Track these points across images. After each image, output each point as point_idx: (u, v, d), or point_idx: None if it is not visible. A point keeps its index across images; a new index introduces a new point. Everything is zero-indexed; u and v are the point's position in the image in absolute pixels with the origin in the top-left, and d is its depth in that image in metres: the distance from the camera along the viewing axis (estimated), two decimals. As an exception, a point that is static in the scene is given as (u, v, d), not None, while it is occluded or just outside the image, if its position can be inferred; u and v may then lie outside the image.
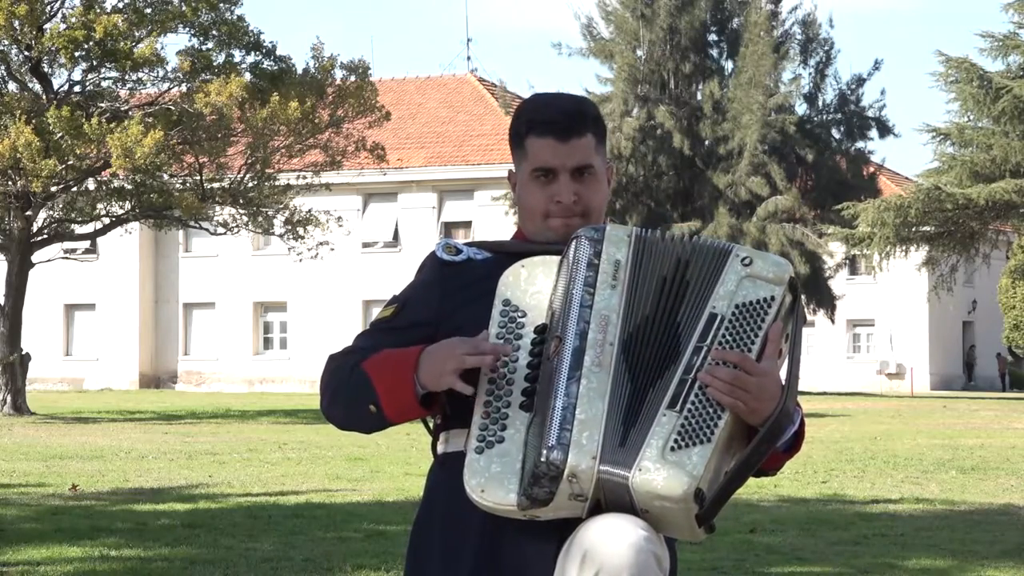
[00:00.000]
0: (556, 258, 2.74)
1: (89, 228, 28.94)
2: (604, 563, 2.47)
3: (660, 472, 2.53)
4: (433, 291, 2.84)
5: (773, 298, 2.67)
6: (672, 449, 2.55)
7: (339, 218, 29.42)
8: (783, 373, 2.70)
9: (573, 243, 2.71)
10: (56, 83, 26.98)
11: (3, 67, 26.90)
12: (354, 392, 2.77)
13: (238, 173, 27.46)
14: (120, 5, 26.29)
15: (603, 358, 2.61)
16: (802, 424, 2.76)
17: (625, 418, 2.59)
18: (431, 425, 2.85)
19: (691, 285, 2.69)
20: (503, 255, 2.84)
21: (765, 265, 2.70)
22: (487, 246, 2.91)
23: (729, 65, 41.83)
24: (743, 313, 2.66)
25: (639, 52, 40.86)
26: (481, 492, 2.58)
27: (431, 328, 2.80)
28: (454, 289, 2.83)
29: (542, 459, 2.52)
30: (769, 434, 2.63)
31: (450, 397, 2.72)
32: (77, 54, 25.69)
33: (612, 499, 2.56)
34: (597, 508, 2.57)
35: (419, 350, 2.72)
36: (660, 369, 2.64)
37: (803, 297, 2.70)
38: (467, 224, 43.93)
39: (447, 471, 2.73)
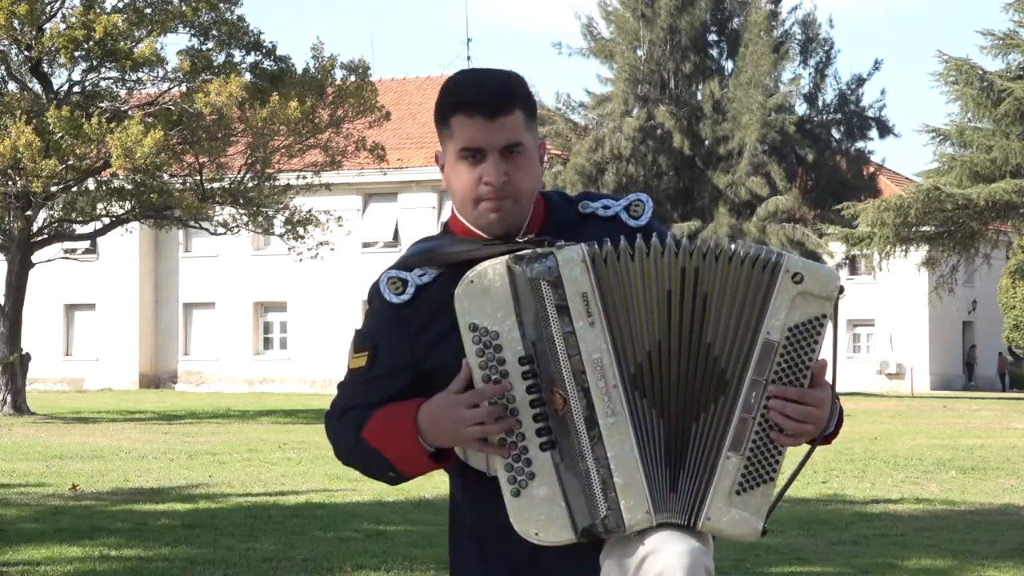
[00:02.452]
0: (504, 262, 2.60)
1: (89, 228, 28.94)
2: (666, 565, 2.49)
3: (729, 520, 2.56)
4: (397, 334, 2.74)
5: (824, 316, 2.62)
6: (738, 493, 2.57)
7: (339, 218, 29.41)
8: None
9: (531, 286, 2.57)
10: (56, 83, 27.00)
11: (3, 67, 26.90)
12: (368, 462, 2.76)
13: (238, 173, 27.45)
14: (120, 5, 26.28)
15: (613, 404, 2.55)
16: (841, 414, 2.74)
17: (668, 458, 2.57)
18: None
19: (716, 298, 2.59)
20: (449, 269, 2.72)
21: (816, 281, 2.61)
22: (429, 259, 2.78)
23: (729, 65, 41.82)
24: (796, 336, 2.60)
25: (639, 52, 40.84)
26: (536, 535, 2.58)
27: (410, 372, 2.74)
28: (418, 330, 2.73)
29: (599, 528, 2.55)
30: (817, 444, 2.68)
31: None
32: (77, 54, 25.69)
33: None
34: None
35: (414, 414, 2.67)
36: (702, 399, 2.59)
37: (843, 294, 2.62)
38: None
39: (472, 488, 2.73)
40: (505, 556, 2.68)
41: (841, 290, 2.65)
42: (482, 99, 2.70)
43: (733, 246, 2.62)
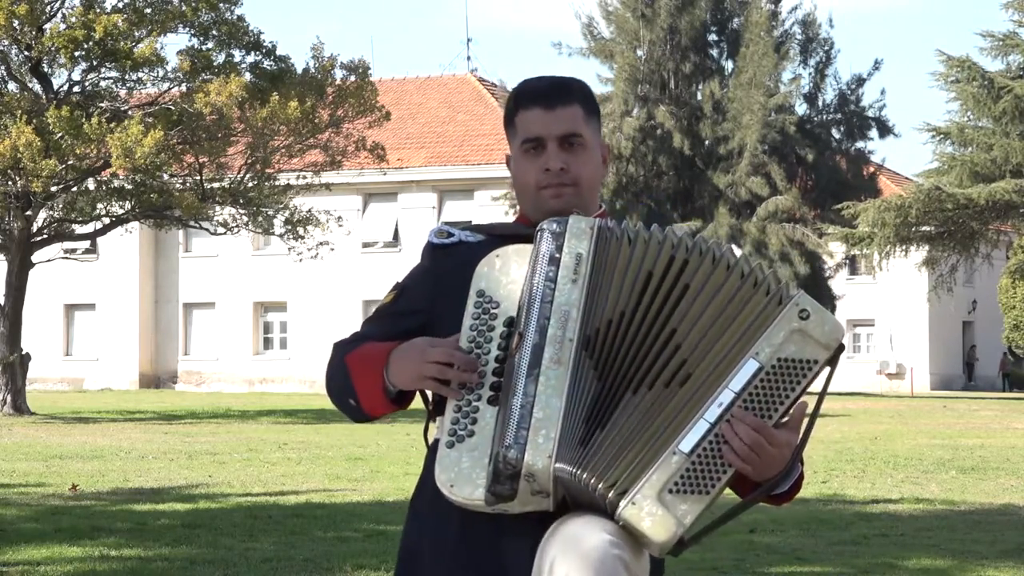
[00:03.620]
0: (530, 247, 2.72)
1: (89, 228, 28.93)
2: (571, 566, 2.49)
3: (651, 513, 2.52)
4: (427, 278, 2.88)
5: (816, 362, 2.59)
6: (670, 491, 2.53)
7: (339, 218, 29.41)
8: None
9: (537, 236, 2.69)
10: (56, 83, 26.99)
11: (3, 67, 26.89)
12: (340, 385, 2.86)
13: (238, 173, 27.45)
14: (120, 5, 26.27)
15: (562, 354, 2.58)
16: (800, 477, 2.72)
17: (589, 416, 2.58)
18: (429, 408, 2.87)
19: (695, 292, 2.62)
20: (495, 237, 2.86)
21: (820, 325, 2.60)
22: (481, 229, 2.93)
23: (729, 65, 41.82)
24: (782, 369, 2.58)
25: (639, 52, 40.85)
26: (451, 487, 2.60)
27: (423, 316, 2.85)
28: (444, 274, 2.85)
29: (500, 458, 2.55)
30: (763, 492, 2.65)
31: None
32: (77, 54, 25.68)
33: (575, 494, 2.58)
34: (564, 502, 2.59)
35: (390, 348, 2.76)
36: (647, 376, 2.60)
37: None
38: (467, 224, 43.97)
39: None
40: (450, 524, 2.71)
41: (841, 348, 2.63)
42: (540, 92, 2.87)
43: (736, 257, 2.64)
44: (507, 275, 2.71)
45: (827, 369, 2.64)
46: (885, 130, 41.94)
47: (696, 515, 2.55)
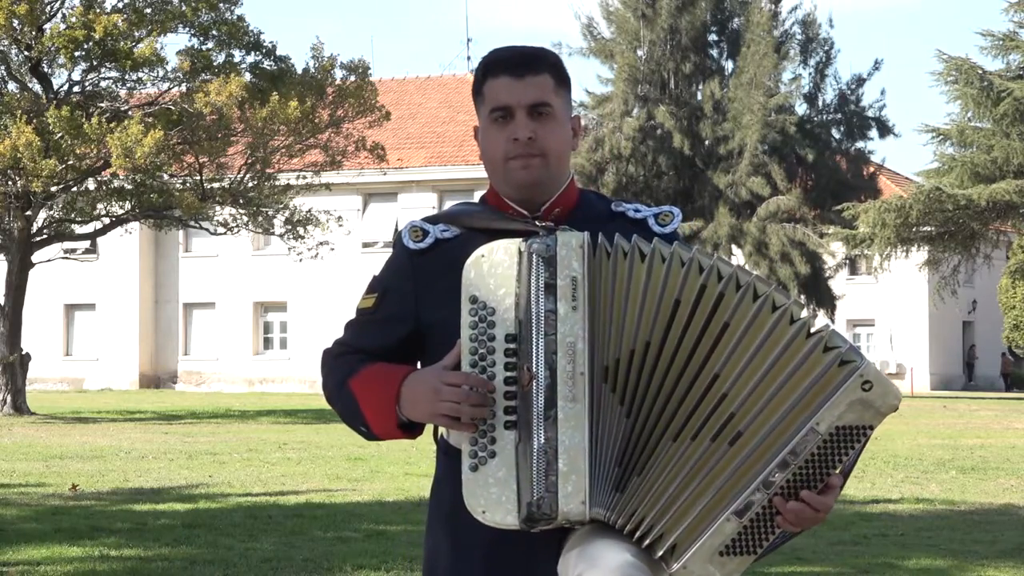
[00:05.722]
0: (516, 244, 2.64)
1: (89, 228, 28.92)
2: None
3: (700, 574, 2.56)
4: (407, 283, 2.83)
5: (872, 428, 2.57)
6: (720, 554, 2.56)
7: (339, 218, 29.40)
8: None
9: (525, 260, 2.61)
10: (56, 83, 26.99)
11: (3, 67, 26.89)
12: (346, 409, 2.84)
13: (238, 173, 27.45)
14: (120, 5, 26.28)
15: (575, 391, 2.54)
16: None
17: (622, 457, 2.56)
18: None
19: (739, 337, 2.54)
20: (471, 232, 2.81)
21: (881, 395, 2.56)
22: (454, 219, 2.87)
23: (729, 65, 41.80)
24: (839, 436, 2.56)
25: (639, 52, 40.83)
26: (483, 513, 2.60)
27: (410, 323, 2.81)
28: (426, 280, 2.80)
29: (534, 508, 2.54)
30: (796, 535, 2.68)
31: None
32: (77, 54, 25.68)
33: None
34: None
35: (400, 380, 2.72)
36: (689, 423, 2.56)
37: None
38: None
39: (452, 461, 2.73)
40: (476, 537, 2.70)
41: (895, 408, 2.62)
42: (509, 59, 2.80)
43: (787, 300, 2.56)
44: (496, 278, 2.62)
45: None
46: (885, 130, 41.92)
47: (740, 572, 2.60)
